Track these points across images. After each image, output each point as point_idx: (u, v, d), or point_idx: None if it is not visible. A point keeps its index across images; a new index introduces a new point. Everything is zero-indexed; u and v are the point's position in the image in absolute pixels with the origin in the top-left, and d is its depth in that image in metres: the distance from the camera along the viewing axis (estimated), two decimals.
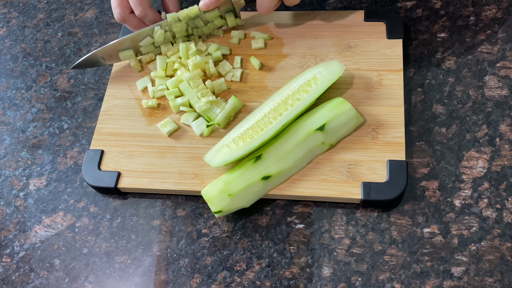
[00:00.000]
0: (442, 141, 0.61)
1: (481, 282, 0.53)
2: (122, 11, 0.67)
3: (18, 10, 0.82)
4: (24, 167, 0.68)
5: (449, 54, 0.67)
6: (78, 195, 0.65)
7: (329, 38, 0.68)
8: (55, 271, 0.60)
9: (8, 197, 0.66)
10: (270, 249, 0.58)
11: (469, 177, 0.59)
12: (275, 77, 0.67)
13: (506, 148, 0.60)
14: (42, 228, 0.63)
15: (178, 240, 0.60)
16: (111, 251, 0.60)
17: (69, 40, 0.78)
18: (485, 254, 0.55)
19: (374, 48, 0.67)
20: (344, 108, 0.59)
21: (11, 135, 0.71)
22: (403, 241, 0.56)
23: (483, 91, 0.64)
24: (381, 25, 0.68)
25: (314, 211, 0.59)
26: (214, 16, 0.69)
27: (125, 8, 0.67)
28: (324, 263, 0.56)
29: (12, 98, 0.74)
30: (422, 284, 0.54)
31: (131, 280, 0.58)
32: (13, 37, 0.80)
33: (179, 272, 0.58)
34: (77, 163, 0.67)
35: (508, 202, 0.57)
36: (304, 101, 0.60)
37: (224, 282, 0.57)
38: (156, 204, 0.62)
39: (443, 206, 0.58)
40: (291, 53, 0.68)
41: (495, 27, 0.68)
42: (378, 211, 0.58)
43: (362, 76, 0.65)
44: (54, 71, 0.75)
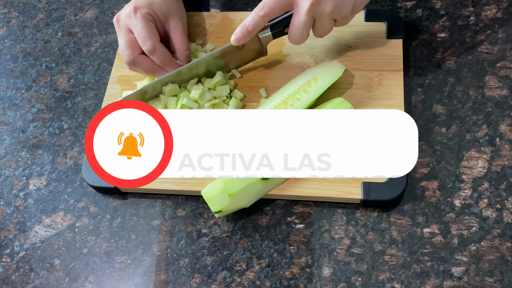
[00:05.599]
0: (442, 141, 0.61)
1: (481, 282, 0.53)
2: (132, 52, 0.63)
3: (18, 10, 0.82)
4: (24, 167, 0.68)
5: (449, 54, 0.67)
6: (78, 195, 0.65)
7: (329, 38, 0.68)
8: (55, 271, 0.60)
9: (8, 197, 0.66)
10: (270, 249, 0.58)
11: (469, 177, 0.59)
12: (275, 77, 0.67)
13: (506, 148, 0.60)
14: (42, 228, 0.63)
15: (178, 240, 0.60)
16: (111, 251, 0.60)
17: (69, 40, 0.78)
18: (485, 254, 0.55)
19: (374, 48, 0.67)
20: (344, 108, 0.59)
21: (11, 135, 0.71)
22: (403, 241, 0.56)
23: (483, 91, 0.64)
24: (381, 25, 0.68)
25: (314, 211, 0.59)
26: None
27: (135, 50, 0.64)
28: (324, 263, 0.56)
29: (12, 98, 0.74)
30: (422, 284, 0.54)
31: (131, 280, 0.58)
32: (13, 37, 0.80)
33: (179, 272, 0.58)
34: (77, 163, 0.67)
35: (508, 202, 0.57)
36: (304, 101, 0.60)
37: (224, 282, 0.57)
38: (156, 204, 0.62)
39: (443, 206, 0.58)
40: (291, 53, 0.68)
41: (495, 27, 0.68)
42: (378, 211, 0.58)
43: (362, 76, 0.65)
44: (54, 71, 0.75)
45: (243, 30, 0.59)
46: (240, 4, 0.76)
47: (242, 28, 0.59)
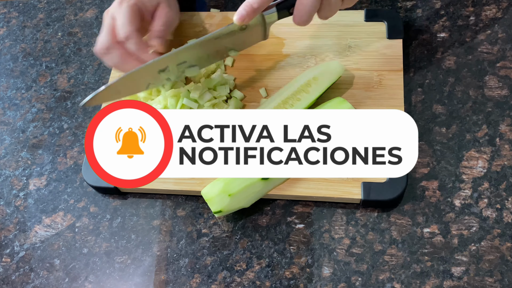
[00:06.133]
0: (442, 141, 0.61)
1: (481, 282, 0.53)
2: (108, 38, 0.59)
3: (18, 10, 0.82)
4: (24, 167, 0.68)
5: (449, 54, 0.67)
6: (78, 195, 0.65)
7: (329, 38, 0.68)
8: (55, 271, 0.60)
9: (8, 197, 0.66)
10: (270, 249, 0.58)
11: (469, 177, 0.59)
12: (275, 77, 0.67)
13: (506, 148, 0.60)
14: (42, 228, 0.63)
15: (178, 240, 0.60)
16: (111, 251, 0.60)
17: (69, 40, 0.78)
18: (485, 254, 0.55)
19: (374, 48, 0.67)
20: (344, 108, 0.59)
21: (11, 135, 0.71)
22: (403, 241, 0.56)
23: (483, 91, 0.64)
24: (381, 25, 0.68)
25: (314, 211, 0.59)
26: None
27: (112, 36, 0.60)
28: (324, 263, 0.56)
29: (12, 98, 0.74)
30: (422, 284, 0.54)
31: (131, 280, 0.58)
32: (13, 37, 0.80)
33: (179, 272, 0.58)
34: (77, 163, 0.67)
35: (508, 202, 0.57)
36: (304, 101, 0.61)
37: (224, 282, 0.57)
38: (156, 204, 0.62)
39: (443, 206, 0.58)
40: (291, 53, 0.68)
41: (495, 27, 0.68)
42: (378, 211, 0.58)
43: (362, 76, 0.65)
44: (54, 71, 0.75)
45: (247, 8, 0.54)
46: (240, 4, 0.76)
47: (246, 5, 0.54)
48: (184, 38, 0.71)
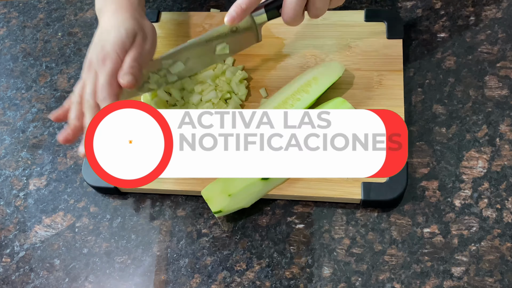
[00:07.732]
0: (442, 141, 0.61)
1: (481, 282, 0.53)
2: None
3: (18, 10, 0.82)
4: (24, 167, 0.68)
5: (449, 54, 0.67)
6: (78, 195, 0.65)
7: (329, 38, 0.68)
8: (55, 271, 0.60)
9: (8, 197, 0.66)
10: (270, 249, 0.58)
11: (469, 177, 0.59)
12: (275, 77, 0.67)
13: (506, 148, 0.60)
14: (42, 228, 0.63)
15: (178, 240, 0.60)
16: (111, 251, 0.60)
17: (69, 40, 0.78)
18: (485, 254, 0.55)
19: (374, 48, 0.67)
20: (344, 108, 0.59)
21: (11, 135, 0.71)
22: (403, 241, 0.56)
23: (483, 91, 0.64)
24: (381, 25, 0.68)
25: (314, 211, 0.59)
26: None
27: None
28: (324, 263, 0.56)
29: (12, 98, 0.74)
30: (422, 284, 0.54)
31: (131, 280, 0.58)
32: (13, 37, 0.80)
33: (179, 272, 0.58)
34: (77, 163, 0.67)
35: (508, 202, 0.57)
36: (304, 101, 0.61)
37: (224, 282, 0.57)
38: (156, 204, 0.62)
39: (443, 206, 0.58)
40: (291, 53, 0.68)
41: (495, 27, 0.68)
42: (378, 211, 0.58)
43: (362, 76, 0.65)
44: (54, 71, 0.75)
45: (237, 9, 0.55)
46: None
47: (236, 7, 0.55)
48: (184, 38, 0.71)
